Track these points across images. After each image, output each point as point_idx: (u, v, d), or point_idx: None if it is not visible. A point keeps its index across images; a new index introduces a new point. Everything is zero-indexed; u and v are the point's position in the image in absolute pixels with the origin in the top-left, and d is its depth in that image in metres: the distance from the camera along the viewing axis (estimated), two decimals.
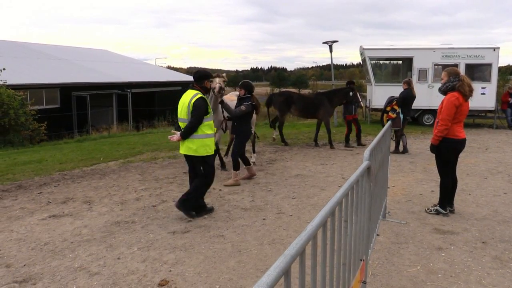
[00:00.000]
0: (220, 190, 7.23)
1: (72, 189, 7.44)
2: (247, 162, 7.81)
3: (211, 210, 5.99)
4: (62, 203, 6.62)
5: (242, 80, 7.83)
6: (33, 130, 17.38)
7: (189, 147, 5.61)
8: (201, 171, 5.77)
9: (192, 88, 5.67)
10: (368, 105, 17.60)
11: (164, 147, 11.65)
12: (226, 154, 9.72)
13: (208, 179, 5.80)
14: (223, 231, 5.27)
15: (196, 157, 5.67)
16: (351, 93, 11.33)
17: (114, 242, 4.97)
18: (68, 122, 24.38)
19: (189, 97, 5.57)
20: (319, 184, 7.58)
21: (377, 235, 4.85)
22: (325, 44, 18.00)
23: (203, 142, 5.60)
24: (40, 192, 7.25)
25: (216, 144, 8.16)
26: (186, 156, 5.75)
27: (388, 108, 10.40)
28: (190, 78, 45.44)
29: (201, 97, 5.54)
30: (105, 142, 13.60)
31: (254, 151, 9.53)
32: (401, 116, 10.32)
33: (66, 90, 25.10)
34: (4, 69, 17.93)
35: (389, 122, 6.44)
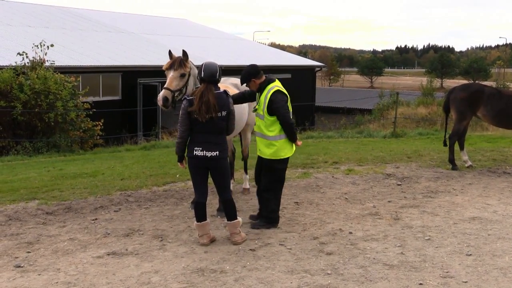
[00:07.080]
0: (350, 233, 7.21)
1: (138, 217, 7.93)
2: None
3: None
4: (124, 236, 7.08)
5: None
6: (85, 130, 18.77)
7: None
8: None
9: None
10: None
11: None
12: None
13: None
14: None
15: None
16: None
17: None
18: (131, 121, 26.13)
19: None
20: None
21: None
22: None
23: None
24: (96, 219, 7.83)
25: None
26: None
27: None
28: (304, 61, 46.19)
29: None
30: None
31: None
32: None
33: (130, 75, 26.93)
34: (52, 45, 19.50)
35: None
